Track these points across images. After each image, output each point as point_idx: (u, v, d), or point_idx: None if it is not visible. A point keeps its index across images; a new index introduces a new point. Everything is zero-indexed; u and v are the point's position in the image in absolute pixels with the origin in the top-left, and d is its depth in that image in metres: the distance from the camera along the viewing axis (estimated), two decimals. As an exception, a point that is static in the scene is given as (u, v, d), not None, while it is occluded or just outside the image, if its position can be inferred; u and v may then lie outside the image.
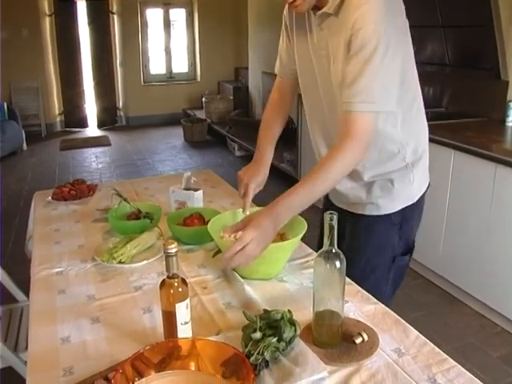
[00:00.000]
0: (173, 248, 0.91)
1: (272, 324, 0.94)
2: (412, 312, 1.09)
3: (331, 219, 0.91)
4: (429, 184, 1.42)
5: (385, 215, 1.33)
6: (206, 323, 1.05)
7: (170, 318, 0.94)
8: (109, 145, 6.19)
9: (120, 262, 1.32)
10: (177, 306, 0.92)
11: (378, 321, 1.04)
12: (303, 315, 1.04)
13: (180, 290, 0.93)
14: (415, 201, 1.34)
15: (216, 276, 1.26)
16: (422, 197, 1.38)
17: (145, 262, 1.33)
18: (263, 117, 1.49)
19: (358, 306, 1.10)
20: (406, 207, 1.34)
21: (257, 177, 1.39)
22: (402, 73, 1.14)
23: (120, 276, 1.27)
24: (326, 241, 0.93)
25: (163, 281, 0.94)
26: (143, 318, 1.07)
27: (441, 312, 2.47)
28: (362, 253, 1.36)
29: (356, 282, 1.19)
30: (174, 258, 0.91)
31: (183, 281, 0.94)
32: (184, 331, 0.94)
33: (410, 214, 1.36)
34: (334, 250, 0.93)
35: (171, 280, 0.93)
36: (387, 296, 1.40)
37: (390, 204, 1.33)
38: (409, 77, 1.21)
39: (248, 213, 1.33)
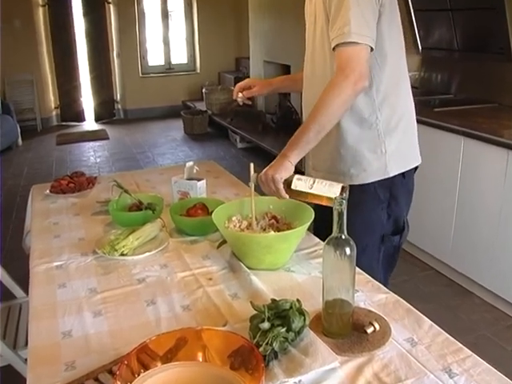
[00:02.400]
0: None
1: (280, 314, 0.93)
2: (421, 304, 1.09)
3: (340, 204, 0.90)
4: (417, 165, 1.46)
5: (370, 191, 1.36)
6: (212, 315, 1.05)
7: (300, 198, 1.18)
8: (107, 138, 6.19)
9: (122, 254, 1.31)
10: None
11: (390, 310, 1.04)
12: (312, 305, 1.03)
13: None
14: (391, 176, 1.38)
15: (221, 267, 1.26)
16: (409, 175, 1.42)
17: (147, 253, 1.34)
18: (292, 75, 1.70)
19: (369, 295, 1.10)
20: (391, 184, 1.38)
21: (253, 81, 1.59)
22: (385, 35, 1.24)
23: (122, 268, 1.27)
24: (335, 227, 0.92)
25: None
26: (147, 311, 1.07)
27: (451, 304, 2.46)
28: (350, 231, 1.36)
29: None
30: None
31: None
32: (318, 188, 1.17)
33: (398, 193, 1.41)
34: (343, 237, 0.92)
35: None
36: (380, 281, 1.41)
37: (361, 174, 1.37)
38: (393, 42, 1.29)
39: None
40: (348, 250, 0.92)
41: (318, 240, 1.37)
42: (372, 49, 1.22)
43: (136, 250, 1.35)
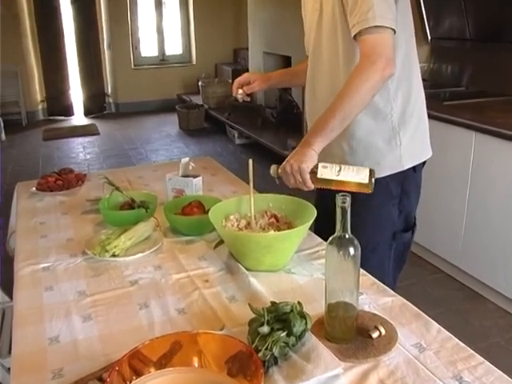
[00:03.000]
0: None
1: (281, 317, 0.94)
2: (430, 309, 1.09)
3: (343, 201, 0.91)
4: (425, 160, 1.48)
5: (381, 186, 1.37)
6: (208, 318, 1.05)
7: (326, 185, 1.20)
8: (97, 134, 6.19)
9: (113, 255, 1.32)
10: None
11: (396, 314, 1.04)
12: (314, 309, 1.04)
13: None
14: (405, 168, 1.40)
15: (218, 268, 1.27)
16: (419, 169, 1.45)
17: (140, 254, 1.34)
18: (296, 66, 1.67)
19: (374, 298, 1.11)
20: (403, 178, 1.40)
21: (253, 76, 1.58)
22: (398, 21, 1.24)
23: (113, 270, 1.27)
24: (338, 226, 0.93)
25: None
26: (139, 315, 1.08)
27: (462, 309, 2.47)
28: (361, 229, 1.38)
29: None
30: None
31: None
32: (346, 176, 1.18)
33: (409, 187, 1.43)
34: (347, 236, 0.93)
35: None
36: (390, 281, 1.44)
37: (374, 168, 1.35)
38: (406, 30, 1.32)
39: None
40: (352, 250, 0.93)
41: (320, 240, 1.38)
42: (395, 32, 1.24)
43: (128, 250, 1.36)
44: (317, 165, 1.22)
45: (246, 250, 1.23)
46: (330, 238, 0.94)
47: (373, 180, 1.21)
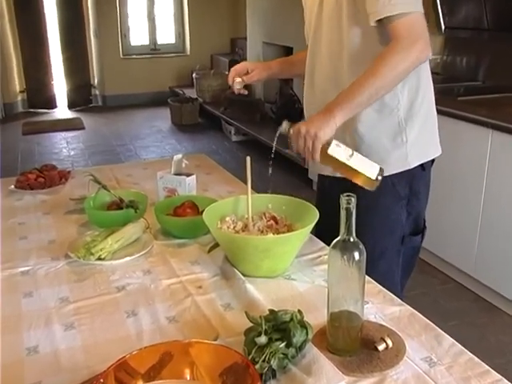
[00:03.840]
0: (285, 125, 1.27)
1: (279, 327, 0.94)
2: (441, 322, 1.09)
3: (348, 202, 0.91)
4: (434, 158, 1.49)
5: (388, 186, 1.38)
6: (201, 327, 1.06)
7: (337, 166, 1.19)
8: (82, 128, 6.20)
9: (99, 259, 1.32)
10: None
11: (404, 325, 1.05)
12: (315, 318, 1.04)
13: None
14: (412, 167, 1.41)
15: (212, 274, 1.27)
16: (428, 167, 1.46)
17: (128, 258, 1.34)
18: (294, 56, 1.72)
19: (380, 307, 1.11)
20: (412, 178, 1.41)
21: (250, 64, 1.59)
22: None
23: (99, 275, 1.28)
24: (342, 228, 0.93)
25: None
26: (127, 323, 1.08)
27: (477, 322, 2.47)
28: (367, 233, 1.38)
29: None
30: None
31: None
32: (355, 163, 1.17)
33: (418, 187, 1.44)
34: (351, 239, 0.93)
35: None
36: (398, 289, 1.45)
37: (382, 165, 1.36)
38: None
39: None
40: (357, 255, 0.93)
41: (322, 244, 1.38)
42: None
43: (115, 253, 1.36)
44: (330, 140, 1.22)
45: (243, 254, 1.23)
46: (334, 242, 0.94)
47: (380, 178, 1.21)
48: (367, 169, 1.21)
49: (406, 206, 1.44)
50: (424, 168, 1.45)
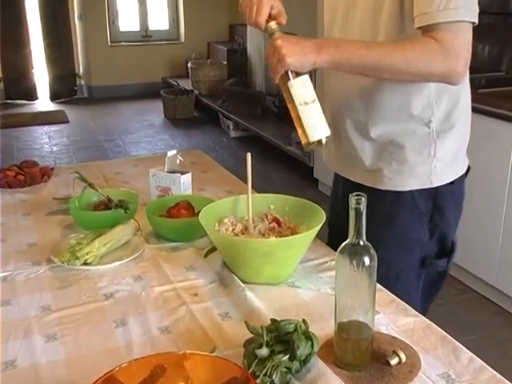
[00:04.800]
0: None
1: (282, 338, 0.95)
2: (460, 336, 1.09)
3: (358, 202, 0.91)
4: (468, 168, 1.44)
5: (406, 200, 1.34)
6: (197, 339, 1.06)
7: (289, 103, 1.15)
8: (66, 122, 6.21)
9: (85, 264, 1.32)
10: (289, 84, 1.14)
11: (419, 338, 1.05)
12: (321, 329, 1.05)
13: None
14: (435, 186, 1.34)
15: (209, 280, 1.27)
16: (459, 182, 1.39)
17: (117, 263, 1.35)
18: None
19: (393, 318, 1.11)
20: (435, 193, 1.34)
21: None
22: None
23: (85, 281, 1.28)
24: (351, 231, 0.93)
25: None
26: (115, 334, 1.08)
27: (499, 337, 2.48)
28: (382, 251, 1.35)
29: None
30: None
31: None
32: (306, 114, 1.13)
33: (444, 203, 1.37)
34: (361, 243, 0.93)
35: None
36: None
37: (397, 177, 1.33)
38: None
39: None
40: (367, 260, 0.93)
41: (329, 249, 1.39)
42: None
43: (103, 258, 1.36)
44: (302, 72, 1.17)
45: (243, 258, 1.23)
46: (342, 246, 0.95)
47: (318, 144, 1.17)
48: (313, 127, 1.15)
49: (427, 224, 1.37)
50: (453, 182, 1.37)
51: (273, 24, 1.21)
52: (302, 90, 1.16)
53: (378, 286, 1.12)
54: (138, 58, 7.33)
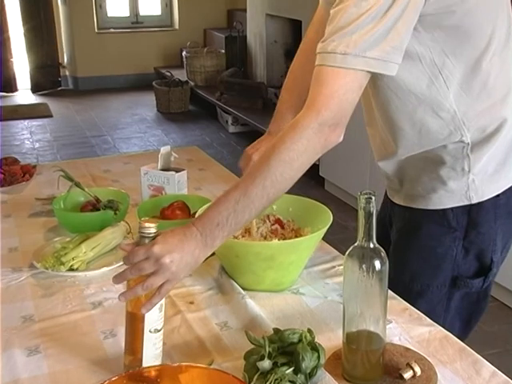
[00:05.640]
0: (151, 228, 0.98)
1: (286, 349, 0.95)
2: (481, 349, 1.09)
3: (368, 202, 0.92)
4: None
5: (436, 213, 1.31)
6: (193, 351, 1.07)
7: (135, 323, 0.99)
8: (49, 116, 6.20)
9: (71, 270, 1.33)
10: None
11: (435, 349, 1.06)
12: (328, 340, 1.05)
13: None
14: (474, 202, 1.29)
15: (207, 287, 1.28)
16: (508, 195, 1.32)
17: (106, 268, 1.35)
18: (291, 68, 1.52)
19: (406, 327, 1.12)
20: (470, 206, 1.30)
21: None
22: (466, 16, 1.12)
23: (71, 288, 1.29)
24: (360, 233, 0.94)
25: None
26: (104, 346, 1.09)
27: (524, 351, 2.47)
28: (404, 263, 1.36)
29: None
30: (148, 242, 0.98)
31: None
32: (152, 343, 0.98)
33: (482, 217, 1.31)
34: (371, 245, 0.94)
35: None
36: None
37: (435, 196, 1.30)
38: (481, 22, 1.16)
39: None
40: (378, 264, 0.94)
41: (336, 252, 1.40)
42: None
43: (90, 263, 1.37)
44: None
45: (243, 263, 1.24)
46: (350, 249, 0.95)
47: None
48: (153, 357, 1.01)
49: (461, 241, 1.31)
50: (497, 194, 1.30)
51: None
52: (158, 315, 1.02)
53: (390, 293, 1.12)
54: (128, 46, 7.32)
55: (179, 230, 1.03)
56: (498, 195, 1.30)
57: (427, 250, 1.35)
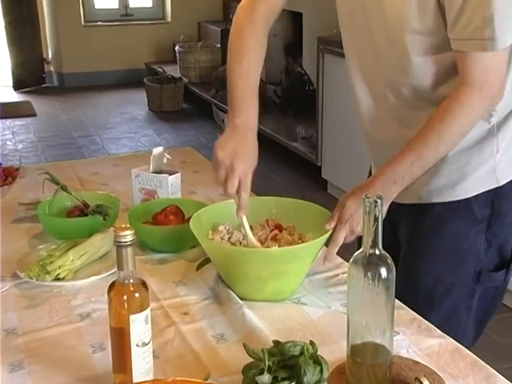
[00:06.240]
0: (128, 235, 0.95)
1: (287, 363, 0.95)
2: (495, 363, 1.08)
3: (374, 206, 0.92)
4: None
5: (460, 206, 1.35)
6: (188, 364, 1.07)
7: (120, 338, 0.98)
8: (33, 115, 6.20)
9: (57, 279, 1.33)
10: (131, 318, 0.96)
11: (446, 363, 1.06)
12: (332, 353, 1.06)
13: (137, 295, 0.97)
14: (502, 184, 1.36)
15: (202, 297, 1.28)
16: None
17: (95, 277, 1.35)
18: (232, 49, 1.47)
19: (415, 339, 1.12)
20: (494, 195, 1.35)
21: (254, 156, 1.35)
22: None
23: (57, 299, 1.29)
24: (365, 239, 0.94)
25: (112, 284, 0.98)
26: (93, 361, 1.09)
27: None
28: (429, 263, 1.39)
29: (420, 313, 1.21)
30: (129, 250, 0.96)
31: (142, 283, 0.99)
32: (141, 357, 0.98)
33: (505, 206, 1.37)
34: (377, 252, 0.94)
35: (124, 282, 0.97)
36: (468, 337, 1.42)
37: (462, 185, 1.35)
38: None
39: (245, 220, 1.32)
40: (384, 272, 0.94)
41: (340, 260, 1.39)
42: None
43: (78, 272, 1.37)
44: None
45: (241, 271, 1.24)
46: (354, 256, 0.95)
47: None
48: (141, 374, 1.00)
49: (484, 233, 1.37)
50: None
51: None
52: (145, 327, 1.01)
53: (398, 302, 1.13)
54: (117, 40, 7.32)
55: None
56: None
57: (452, 247, 1.39)
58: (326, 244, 1.31)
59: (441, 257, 1.39)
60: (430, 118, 1.26)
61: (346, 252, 1.30)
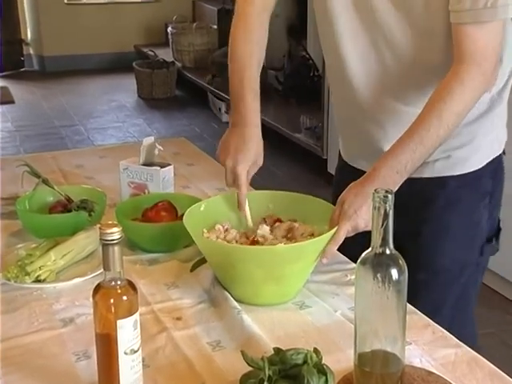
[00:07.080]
0: (115, 233, 0.95)
1: (289, 372, 0.95)
2: (511, 369, 1.10)
3: (384, 201, 0.92)
4: None
5: (471, 180, 1.44)
6: (181, 373, 1.07)
7: (106, 345, 0.98)
8: (10, 102, 6.21)
9: (38, 281, 1.33)
10: (119, 323, 0.96)
11: (462, 373, 1.06)
12: (338, 361, 1.06)
13: (124, 298, 0.97)
14: (501, 151, 1.48)
15: (196, 300, 1.28)
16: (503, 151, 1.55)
17: (78, 279, 1.35)
18: (233, 47, 1.55)
19: (428, 348, 1.12)
20: (496, 165, 1.48)
21: (248, 152, 1.42)
22: None
23: (37, 302, 1.29)
24: (374, 237, 0.94)
25: (98, 286, 0.98)
26: (76, 370, 1.09)
27: None
28: (448, 240, 1.47)
29: (437, 296, 1.29)
30: (116, 249, 0.95)
31: (130, 285, 0.99)
32: (129, 366, 0.98)
33: (500, 176, 1.51)
34: (388, 251, 0.94)
35: (111, 284, 0.96)
36: (472, 318, 1.52)
37: (473, 156, 1.46)
38: None
39: (250, 221, 1.38)
40: (395, 273, 0.94)
41: (346, 259, 1.40)
42: None
43: (61, 273, 1.37)
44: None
45: (239, 272, 1.24)
46: (363, 256, 0.95)
47: None
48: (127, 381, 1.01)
49: (488, 205, 1.51)
50: (504, 151, 1.52)
51: None
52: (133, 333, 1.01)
53: (410, 307, 1.13)
54: (104, 20, 7.32)
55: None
56: (504, 151, 1.53)
57: (467, 224, 1.49)
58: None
59: (457, 233, 1.48)
60: (429, 99, 1.31)
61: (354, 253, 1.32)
